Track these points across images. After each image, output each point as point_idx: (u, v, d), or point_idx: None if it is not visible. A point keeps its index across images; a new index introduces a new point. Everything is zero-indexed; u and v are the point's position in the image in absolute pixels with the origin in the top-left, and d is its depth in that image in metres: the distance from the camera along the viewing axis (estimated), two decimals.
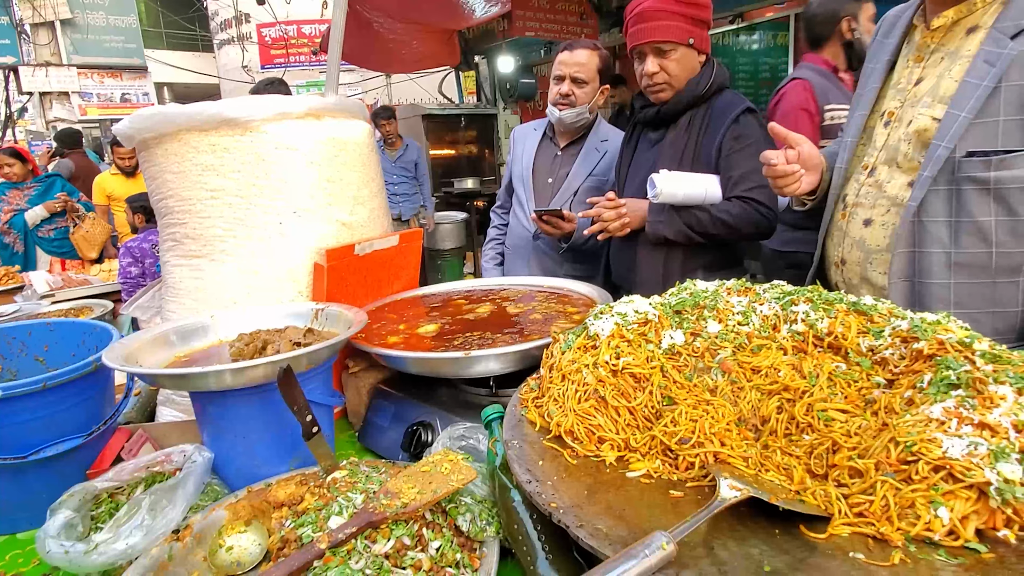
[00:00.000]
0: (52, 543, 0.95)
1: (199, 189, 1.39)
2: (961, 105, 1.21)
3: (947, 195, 1.25)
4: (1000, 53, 1.18)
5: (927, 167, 1.25)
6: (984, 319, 1.27)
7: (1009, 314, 1.26)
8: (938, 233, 1.27)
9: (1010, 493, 0.64)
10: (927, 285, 1.30)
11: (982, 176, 1.21)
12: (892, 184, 1.36)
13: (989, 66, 1.19)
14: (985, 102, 1.19)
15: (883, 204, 1.37)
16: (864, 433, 0.78)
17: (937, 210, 1.27)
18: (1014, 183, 1.19)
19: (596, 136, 2.34)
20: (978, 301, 1.27)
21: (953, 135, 1.21)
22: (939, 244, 1.27)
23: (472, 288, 1.74)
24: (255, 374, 1.06)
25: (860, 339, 0.93)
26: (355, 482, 0.98)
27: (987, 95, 1.18)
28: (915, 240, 1.30)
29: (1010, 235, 1.22)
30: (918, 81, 1.34)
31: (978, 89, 1.19)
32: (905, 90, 1.37)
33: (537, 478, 0.82)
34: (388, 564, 0.81)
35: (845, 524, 0.68)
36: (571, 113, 2.24)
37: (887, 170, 1.37)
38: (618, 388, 0.93)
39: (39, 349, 1.36)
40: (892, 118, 1.38)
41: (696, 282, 1.15)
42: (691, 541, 0.67)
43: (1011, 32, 1.19)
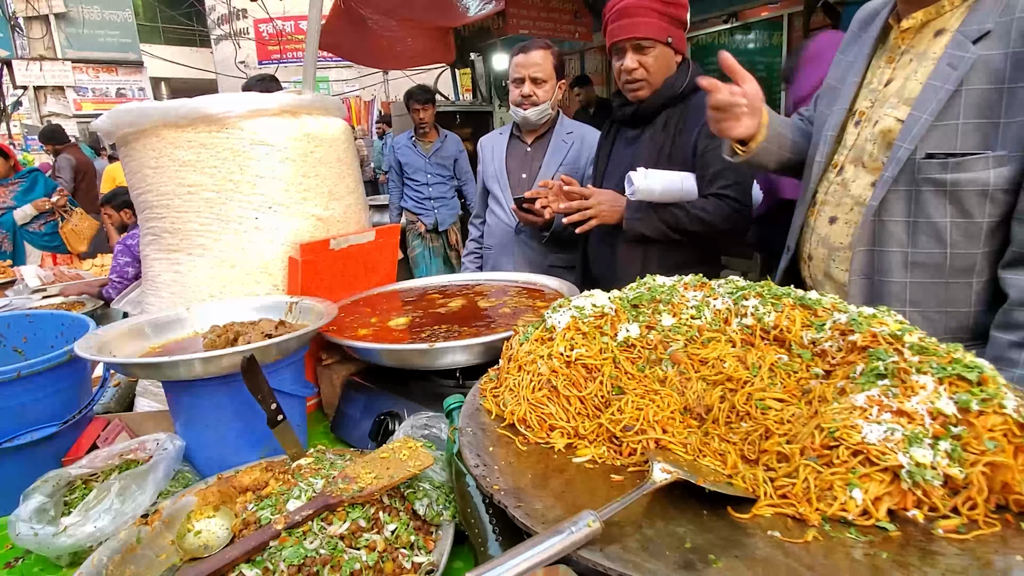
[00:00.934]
0: (23, 526, 0.98)
1: (176, 184, 1.42)
2: (923, 107, 1.23)
3: (906, 196, 1.27)
4: (962, 56, 1.20)
5: (889, 167, 1.28)
6: (938, 318, 1.30)
7: (961, 314, 1.30)
8: (897, 233, 1.30)
9: (920, 476, 0.68)
10: (885, 283, 1.33)
11: (939, 178, 1.23)
12: (856, 183, 1.38)
13: (951, 69, 1.21)
14: (946, 105, 1.21)
15: (847, 203, 1.40)
16: (796, 421, 0.82)
17: (897, 210, 1.29)
18: (969, 185, 1.21)
19: (562, 129, 2.48)
20: (932, 300, 1.30)
21: (914, 136, 1.24)
22: (897, 243, 1.30)
23: (448, 283, 1.77)
24: (224, 364, 1.09)
25: (804, 332, 0.96)
26: (319, 468, 1.02)
27: (948, 98, 1.20)
28: (875, 239, 1.32)
29: (964, 236, 1.24)
30: (888, 82, 1.36)
31: (939, 92, 1.21)
32: (876, 90, 1.39)
33: (486, 463, 0.85)
34: (343, 545, 0.85)
35: (769, 505, 0.72)
36: (535, 111, 2.38)
37: (853, 169, 1.40)
38: (570, 378, 0.96)
39: (17, 340, 1.39)
40: (863, 118, 1.40)
41: (656, 277, 1.19)
42: (622, 521, 0.71)
43: (974, 36, 1.21)
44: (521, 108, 2.39)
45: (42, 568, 1.04)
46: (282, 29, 14.26)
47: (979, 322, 1.30)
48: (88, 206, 5.94)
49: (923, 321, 1.30)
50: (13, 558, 1.06)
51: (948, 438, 0.70)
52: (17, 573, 1.03)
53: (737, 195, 1.79)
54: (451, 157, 5.00)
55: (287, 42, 14.35)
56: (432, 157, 4.94)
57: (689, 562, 0.63)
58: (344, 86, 15.20)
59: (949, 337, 1.29)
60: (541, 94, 2.35)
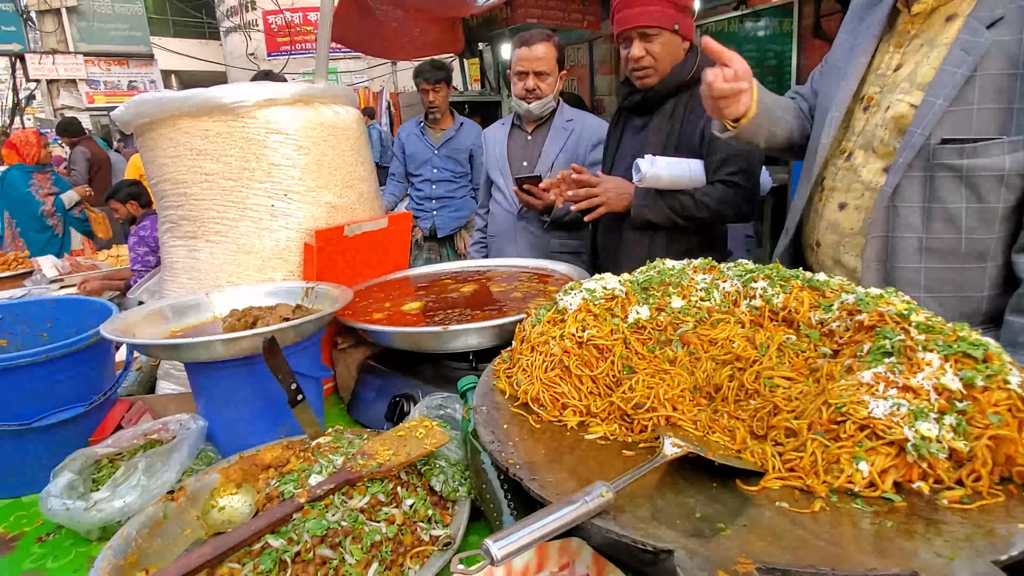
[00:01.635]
0: (54, 501, 1.02)
1: (193, 173, 1.45)
2: (937, 92, 1.23)
3: (921, 181, 1.27)
4: (976, 42, 1.20)
5: (903, 153, 1.27)
6: (951, 303, 1.31)
7: (975, 298, 1.30)
8: (911, 218, 1.29)
9: (925, 449, 0.69)
10: (899, 269, 1.32)
11: (955, 163, 1.23)
12: (867, 169, 1.38)
13: (965, 54, 1.21)
14: (961, 90, 1.20)
15: (857, 188, 1.39)
16: (804, 398, 0.83)
17: (911, 196, 1.29)
18: (985, 171, 1.21)
19: (561, 117, 2.53)
20: (946, 285, 1.30)
21: (929, 122, 1.23)
22: (911, 229, 1.30)
23: (460, 269, 1.80)
24: (244, 345, 1.12)
25: (812, 313, 0.98)
26: (338, 447, 1.05)
27: (963, 83, 1.20)
28: (889, 225, 1.32)
29: (979, 221, 1.24)
30: (897, 67, 1.36)
31: (954, 77, 1.21)
32: (884, 75, 1.38)
33: (500, 439, 0.88)
34: (363, 517, 0.88)
35: (777, 478, 0.74)
36: (538, 104, 2.44)
37: (863, 155, 1.39)
38: (582, 358, 0.99)
39: (43, 325, 1.43)
40: (871, 103, 1.39)
41: (665, 261, 1.20)
42: (634, 493, 0.73)
43: (987, 21, 1.20)
44: (525, 101, 2.44)
45: (72, 542, 1.07)
46: (291, 21, 14.26)
47: (992, 306, 1.30)
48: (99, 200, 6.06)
49: (937, 306, 1.29)
50: (44, 533, 1.11)
51: (953, 412, 0.71)
52: (48, 547, 1.07)
53: (744, 181, 1.80)
54: (465, 150, 3.99)
55: (296, 33, 14.36)
56: (442, 149, 3.96)
57: (699, 530, 0.66)
58: (353, 77, 15.19)
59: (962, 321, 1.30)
60: (544, 87, 2.41)
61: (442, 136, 3.97)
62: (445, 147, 3.96)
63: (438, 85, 3.87)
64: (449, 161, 3.98)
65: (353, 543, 0.84)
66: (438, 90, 3.89)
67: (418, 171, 4.02)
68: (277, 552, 0.81)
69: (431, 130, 4.01)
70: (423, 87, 3.90)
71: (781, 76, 6.59)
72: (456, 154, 3.98)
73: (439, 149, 3.96)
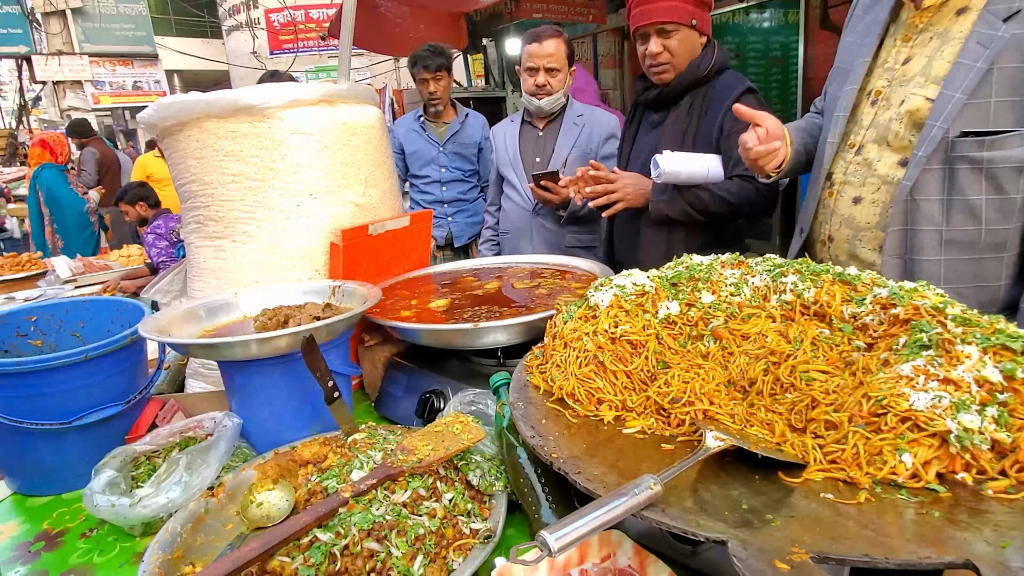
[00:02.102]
0: (100, 498, 1.04)
1: (220, 174, 1.47)
2: (955, 86, 1.24)
3: (940, 174, 1.28)
4: (993, 35, 1.21)
5: (921, 147, 1.28)
6: (969, 293, 1.32)
7: (991, 288, 1.32)
8: (930, 211, 1.31)
9: (968, 440, 0.70)
10: (918, 262, 1.34)
11: (976, 156, 1.24)
12: (882, 163, 1.38)
13: (982, 48, 1.22)
14: (978, 83, 1.22)
15: (873, 182, 1.40)
16: (841, 391, 0.84)
17: (930, 189, 1.30)
18: (1005, 162, 1.23)
19: (572, 112, 2.54)
20: (965, 277, 1.32)
21: (948, 115, 1.24)
22: (931, 222, 1.31)
23: (480, 267, 1.81)
24: (279, 344, 1.14)
25: (844, 307, 0.99)
26: (373, 443, 1.07)
27: (980, 76, 1.21)
28: (908, 219, 1.33)
29: (998, 213, 1.26)
30: (906, 60, 1.36)
31: (972, 71, 1.22)
32: (893, 69, 1.38)
33: (540, 434, 0.89)
34: (406, 512, 0.90)
35: (819, 470, 0.75)
36: (549, 100, 2.45)
37: (877, 148, 1.40)
38: (616, 354, 1.00)
39: (76, 325, 1.45)
40: (879, 97, 1.40)
41: (692, 256, 1.21)
42: (678, 485, 0.75)
43: (1003, 15, 1.21)
44: (536, 98, 2.45)
45: (115, 537, 1.10)
46: (293, 18, 14.25)
47: (1008, 295, 1.32)
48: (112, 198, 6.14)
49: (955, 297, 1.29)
50: (87, 528, 1.13)
51: (995, 404, 0.73)
52: (93, 542, 1.09)
53: None
54: (473, 144, 3.53)
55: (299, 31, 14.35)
56: (448, 145, 3.48)
57: (747, 521, 0.67)
58: (355, 74, 15.18)
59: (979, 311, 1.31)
60: (555, 83, 2.43)
61: (446, 131, 3.48)
62: (451, 143, 3.47)
63: (439, 73, 3.34)
64: (457, 158, 3.50)
65: (398, 536, 0.86)
66: (439, 78, 3.35)
67: (422, 171, 3.53)
68: (326, 545, 0.83)
69: (433, 125, 3.49)
70: (421, 76, 3.37)
71: (787, 68, 6.56)
72: (464, 149, 3.51)
73: (444, 145, 3.46)
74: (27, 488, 1.26)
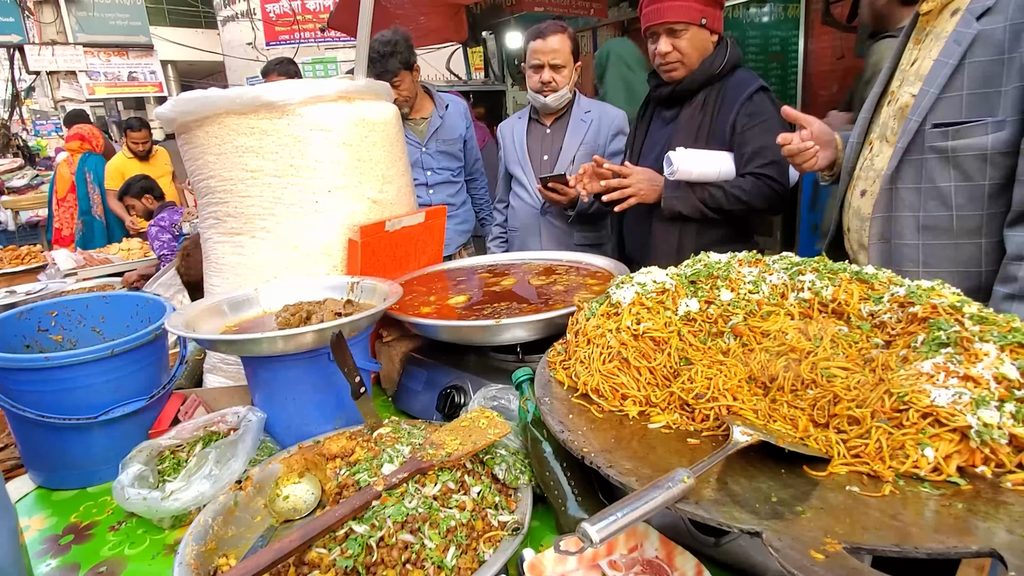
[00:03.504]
0: (130, 491, 1.06)
1: (239, 170, 1.48)
2: (931, 82, 1.34)
3: (917, 164, 1.38)
4: (966, 32, 1.30)
5: (901, 139, 1.38)
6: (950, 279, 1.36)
7: (973, 274, 1.39)
8: (909, 199, 1.40)
9: (988, 435, 0.73)
10: (899, 247, 1.43)
11: (941, 145, 1.33)
12: (880, 157, 1.48)
13: (957, 45, 1.31)
14: (950, 78, 1.31)
15: (872, 176, 1.50)
16: (862, 387, 0.87)
17: (908, 178, 1.39)
18: (968, 151, 1.31)
19: (579, 108, 2.52)
20: (943, 261, 1.40)
21: (923, 109, 1.34)
22: (910, 208, 1.40)
23: (495, 262, 1.83)
24: (305, 340, 1.16)
25: (861, 305, 1.01)
26: (399, 437, 1.09)
27: (951, 72, 1.30)
28: (891, 205, 1.43)
29: (967, 199, 1.34)
30: (913, 62, 1.45)
31: (945, 67, 1.31)
32: (904, 71, 1.47)
33: (569, 429, 0.92)
34: (437, 504, 0.92)
35: (843, 464, 0.78)
36: (554, 97, 2.44)
37: (878, 144, 1.50)
38: (639, 350, 1.02)
39: (96, 320, 1.46)
40: (892, 97, 1.49)
41: (710, 254, 1.24)
42: (707, 479, 0.77)
43: (978, 12, 1.30)
44: (541, 95, 2.45)
45: (145, 530, 1.12)
46: (292, 9, 14.13)
47: (991, 282, 1.37)
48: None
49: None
50: (116, 521, 1.15)
51: (1013, 400, 0.75)
52: (122, 535, 1.11)
53: (775, 174, 1.83)
54: (458, 138, 3.10)
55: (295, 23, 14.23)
56: (431, 144, 3.04)
57: (778, 513, 0.70)
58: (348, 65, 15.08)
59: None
60: (560, 80, 2.42)
61: (426, 128, 3.03)
62: (434, 140, 3.04)
63: (398, 79, 2.81)
64: (443, 157, 3.07)
65: (431, 528, 0.88)
66: (399, 83, 2.81)
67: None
68: (363, 537, 0.85)
69: (410, 123, 3.04)
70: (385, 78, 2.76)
71: (787, 63, 6.58)
72: (449, 146, 3.08)
73: (427, 145, 3.03)
74: (53, 482, 1.28)
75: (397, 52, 2.76)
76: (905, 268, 1.42)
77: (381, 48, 2.75)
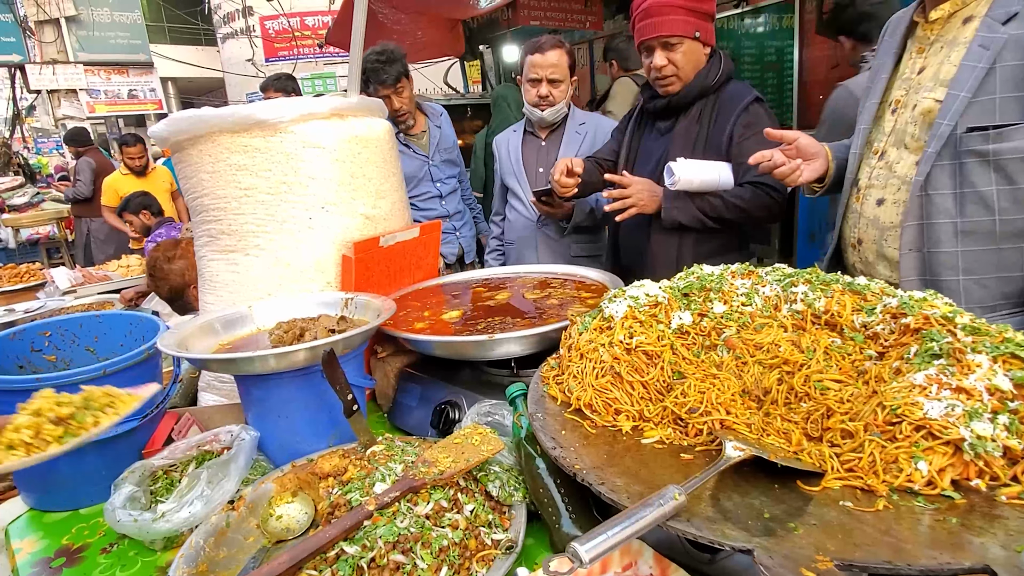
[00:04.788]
0: (121, 513, 1.05)
1: (233, 187, 1.48)
2: (960, 86, 1.32)
3: (951, 169, 1.36)
4: (994, 37, 1.30)
5: (931, 144, 1.36)
6: (992, 284, 1.38)
7: (1015, 278, 1.37)
8: (944, 204, 1.38)
9: (982, 448, 0.72)
10: (936, 254, 1.40)
11: (982, 148, 1.32)
12: (901, 164, 1.47)
13: (984, 49, 1.31)
14: (982, 82, 1.30)
15: (894, 183, 1.48)
16: (856, 400, 0.87)
17: (942, 183, 1.37)
18: (1012, 154, 1.30)
19: (574, 121, 2.55)
20: (985, 267, 1.38)
21: (955, 113, 1.33)
22: (946, 215, 1.38)
23: (489, 276, 1.83)
24: (297, 358, 1.15)
25: (854, 316, 1.01)
26: (392, 455, 1.08)
27: (983, 75, 1.30)
28: (923, 213, 1.40)
29: (1011, 202, 1.33)
30: (921, 70, 1.45)
31: (975, 71, 1.31)
32: (910, 79, 1.48)
33: (561, 445, 0.91)
34: (429, 523, 0.91)
35: (837, 479, 0.77)
36: (551, 111, 2.46)
37: (896, 152, 1.49)
38: (632, 364, 1.02)
39: (89, 340, 1.46)
40: (899, 105, 1.49)
41: (703, 266, 1.24)
42: (700, 495, 0.77)
43: (1003, 19, 1.31)
44: (538, 109, 2.47)
45: (136, 552, 1.11)
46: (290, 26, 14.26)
47: None
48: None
49: (978, 288, 1.38)
50: (108, 543, 1.14)
51: (1006, 412, 0.75)
52: (114, 557, 1.10)
53: (773, 183, 1.84)
54: (453, 143, 3.25)
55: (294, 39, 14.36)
56: (435, 156, 3.12)
57: (770, 529, 0.69)
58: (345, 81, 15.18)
59: (1005, 303, 1.38)
60: (557, 94, 2.45)
61: (428, 140, 3.11)
62: (438, 151, 3.13)
63: (399, 84, 2.87)
64: (447, 166, 3.19)
65: (423, 548, 0.87)
66: (400, 90, 2.89)
67: (418, 190, 3.13)
68: (353, 559, 0.85)
69: (413, 138, 3.09)
70: (381, 94, 2.86)
71: (782, 72, 6.62)
72: (450, 153, 3.20)
73: (433, 157, 3.11)
74: (45, 504, 1.27)
75: (398, 60, 2.85)
76: (943, 276, 1.39)
77: (378, 58, 2.81)
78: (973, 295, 1.38)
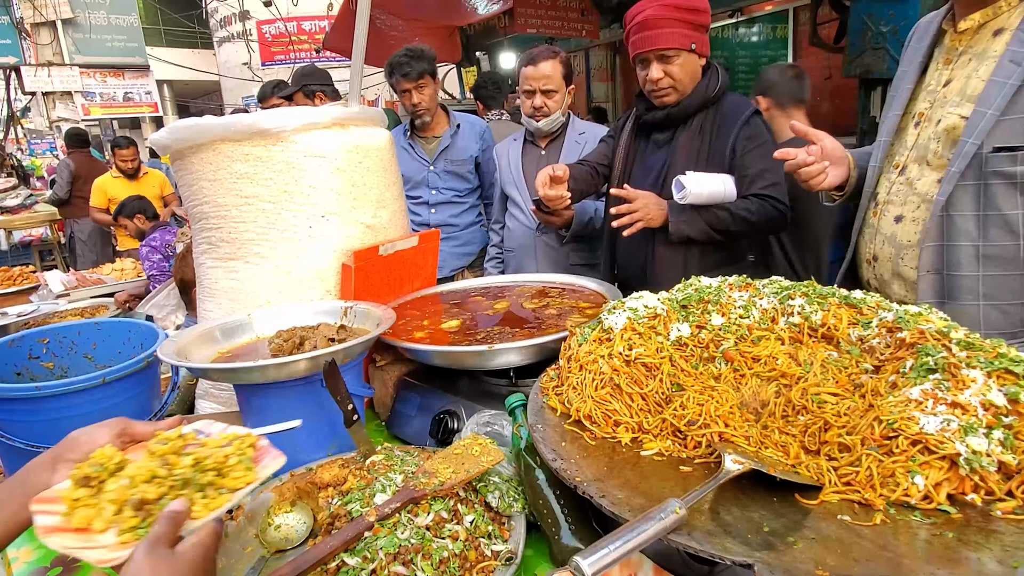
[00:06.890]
0: None
1: (234, 196, 1.48)
2: (988, 103, 1.26)
3: (975, 190, 1.30)
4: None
5: (955, 163, 1.30)
6: (1013, 311, 1.33)
7: None
8: (966, 226, 1.32)
9: (977, 462, 0.74)
10: (956, 278, 1.34)
11: (1009, 170, 1.26)
12: (922, 181, 1.40)
13: (1015, 65, 1.24)
14: (1011, 99, 1.24)
15: (914, 201, 1.42)
16: (852, 413, 0.88)
17: (965, 204, 1.31)
18: None
19: (573, 130, 2.57)
20: (1007, 293, 1.32)
21: (981, 131, 1.27)
22: (967, 237, 1.32)
23: (488, 285, 1.84)
24: (298, 368, 1.16)
25: (851, 330, 1.02)
26: (392, 465, 1.08)
27: (1013, 93, 1.24)
28: (944, 234, 1.34)
29: None
30: (947, 83, 1.39)
31: (1004, 87, 1.24)
32: (935, 92, 1.41)
33: (562, 457, 0.92)
34: (429, 535, 0.91)
35: (834, 492, 0.78)
36: (547, 121, 2.49)
37: (917, 168, 1.42)
38: (631, 376, 1.03)
39: (88, 347, 1.45)
40: (922, 118, 1.43)
41: (700, 278, 1.25)
42: (700, 508, 0.77)
43: None
44: (534, 119, 2.49)
45: None
46: (287, 30, 14.28)
47: None
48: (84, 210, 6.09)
49: (998, 314, 1.33)
50: None
51: (1000, 427, 0.76)
52: (110, 568, 1.09)
53: (778, 195, 1.86)
54: (468, 159, 3.02)
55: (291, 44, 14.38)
56: (438, 163, 2.99)
57: (770, 543, 0.70)
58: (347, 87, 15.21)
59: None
60: (552, 104, 2.47)
61: (436, 145, 3.00)
62: (442, 159, 2.99)
63: (421, 81, 2.84)
64: (450, 177, 3.01)
65: (424, 560, 0.88)
66: (422, 87, 2.86)
67: (413, 192, 3.04)
68: (354, 570, 0.85)
69: (422, 140, 3.02)
70: (402, 87, 2.86)
71: None
72: (458, 167, 3.01)
73: (435, 164, 2.99)
74: None
75: (426, 59, 2.87)
76: (963, 301, 1.34)
77: (413, 52, 2.86)
78: (992, 321, 1.33)
